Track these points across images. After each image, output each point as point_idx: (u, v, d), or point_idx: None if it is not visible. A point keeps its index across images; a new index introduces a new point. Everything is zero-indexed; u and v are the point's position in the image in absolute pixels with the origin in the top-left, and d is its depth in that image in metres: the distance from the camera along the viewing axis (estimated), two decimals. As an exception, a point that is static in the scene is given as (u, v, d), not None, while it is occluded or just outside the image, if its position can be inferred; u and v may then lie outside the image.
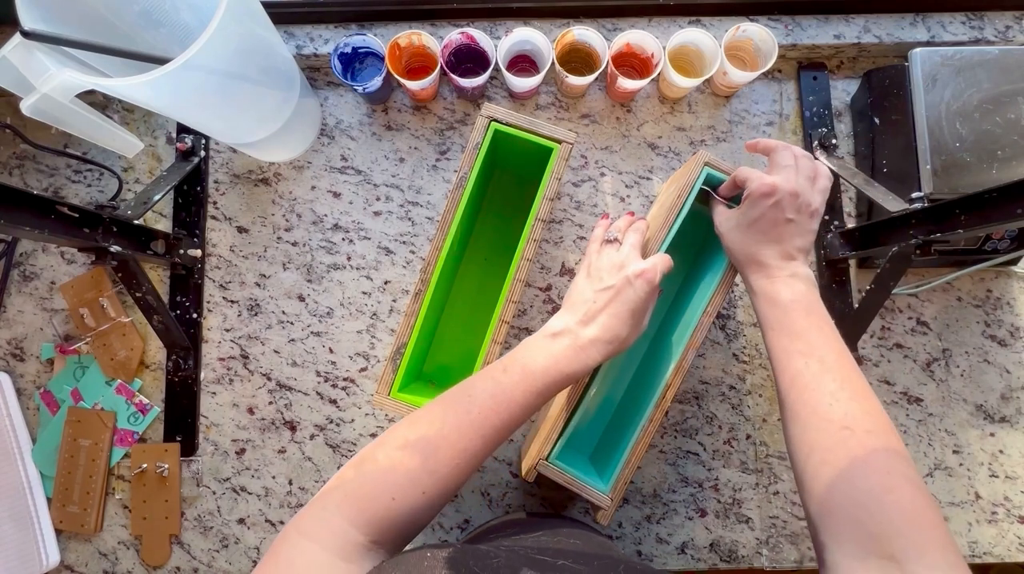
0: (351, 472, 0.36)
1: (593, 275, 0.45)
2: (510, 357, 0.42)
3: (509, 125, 0.52)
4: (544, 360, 0.41)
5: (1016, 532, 0.62)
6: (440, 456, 0.36)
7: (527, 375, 0.40)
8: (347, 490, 0.35)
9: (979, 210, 0.45)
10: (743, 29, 0.62)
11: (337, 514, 0.34)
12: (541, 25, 0.68)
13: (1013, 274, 0.66)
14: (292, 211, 0.67)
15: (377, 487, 0.35)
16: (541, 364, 0.40)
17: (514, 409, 0.39)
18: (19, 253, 0.67)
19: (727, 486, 0.63)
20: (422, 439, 0.37)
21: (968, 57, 0.58)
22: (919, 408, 0.64)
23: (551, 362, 0.40)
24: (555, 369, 0.40)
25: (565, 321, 0.43)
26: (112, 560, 0.63)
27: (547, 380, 0.40)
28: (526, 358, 0.41)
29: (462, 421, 0.38)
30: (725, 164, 0.53)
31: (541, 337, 0.43)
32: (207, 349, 0.65)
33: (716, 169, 0.52)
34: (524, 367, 0.41)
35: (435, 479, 0.36)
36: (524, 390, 0.39)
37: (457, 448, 0.37)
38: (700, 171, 0.52)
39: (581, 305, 0.43)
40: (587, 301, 0.43)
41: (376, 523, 0.34)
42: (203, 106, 0.50)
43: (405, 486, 0.35)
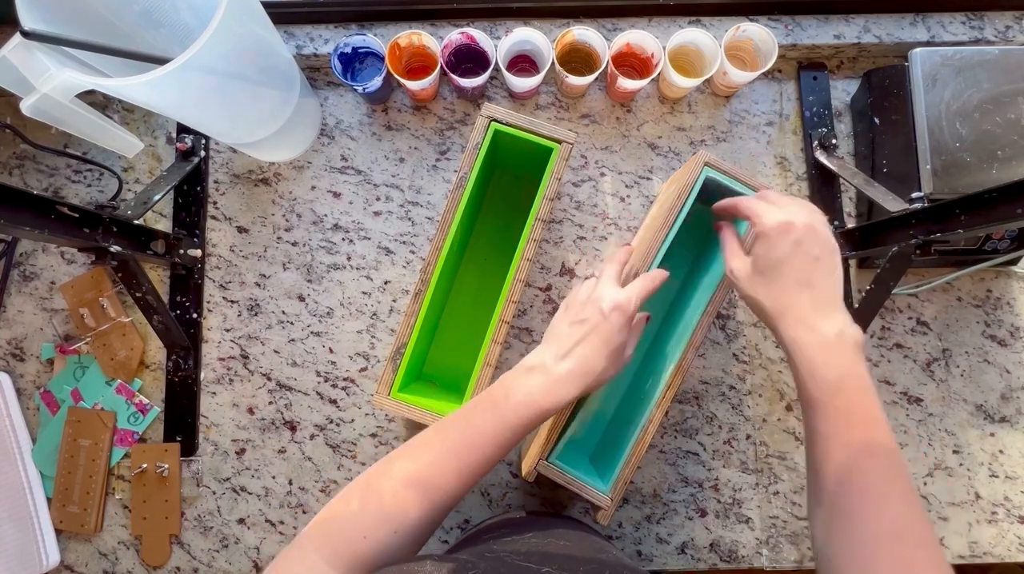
0: (327, 511, 0.37)
1: (570, 309, 0.44)
2: (486, 393, 0.42)
3: (509, 125, 0.52)
4: (517, 395, 0.40)
5: (1016, 532, 0.62)
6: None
7: (499, 411, 0.40)
8: (322, 529, 0.36)
9: (979, 210, 0.45)
10: (743, 29, 0.62)
11: (313, 552, 0.35)
12: (541, 25, 0.68)
13: (1013, 274, 0.66)
14: (292, 211, 0.67)
15: (348, 525, 0.36)
16: (514, 400, 0.40)
17: (488, 446, 0.39)
18: (19, 253, 0.67)
19: (727, 486, 0.63)
20: (382, 495, 0.37)
21: (968, 57, 0.58)
22: (919, 408, 0.64)
23: (524, 397, 0.40)
24: (528, 403, 0.40)
25: (541, 356, 0.42)
26: (112, 560, 0.63)
27: (520, 415, 0.40)
28: (500, 394, 0.41)
29: (436, 459, 0.38)
30: (725, 164, 0.53)
31: (517, 372, 0.42)
32: (207, 349, 0.65)
33: (716, 169, 0.52)
34: (496, 403, 0.40)
35: (409, 518, 0.36)
36: (496, 426, 0.39)
37: (420, 505, 0.37)
38: (700, 171, 0.52)
39: (556, 339, 0.43)
40: (562, 335, 0.43)
41: (349, 560, 0.35)
42: (203, 106, 0.50)
43: (378, 525, 0.36)
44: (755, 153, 0.68)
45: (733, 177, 0.53)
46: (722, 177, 0.53)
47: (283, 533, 0.63)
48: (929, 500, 0.63)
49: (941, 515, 0.63)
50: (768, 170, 0.68)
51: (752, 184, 0.53)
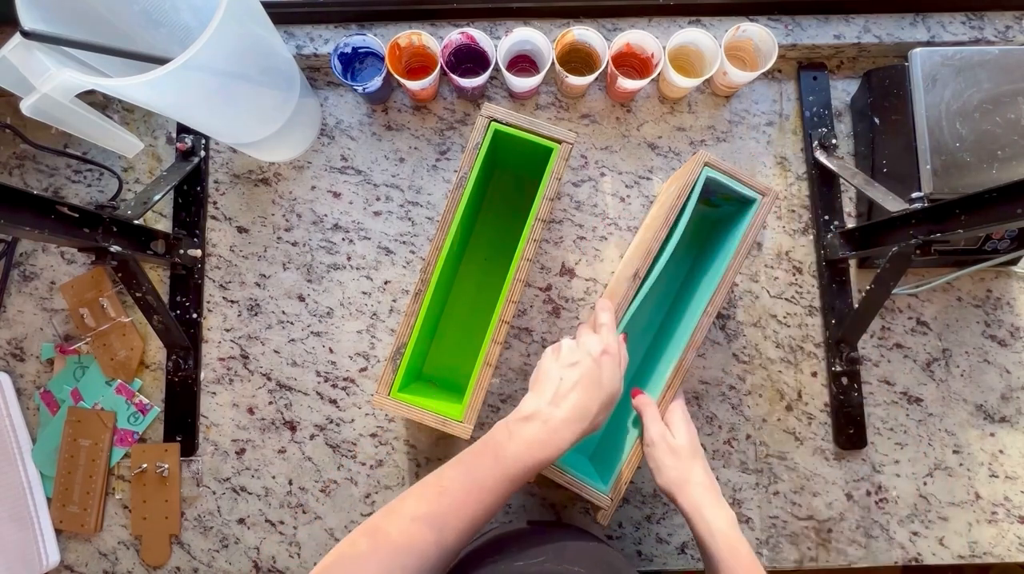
0: (332, 556, 0.37)
1: (562, 356, 0.44)
2: (483, 443, 0.41)
3: (509, 125, 0.52)
4: (516, 446, 0.40)
5: (1016, 532, 0.63)
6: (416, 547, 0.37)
7: (500, 463, 0.39)
8: (331, 572, 0.36)
9: (979, 210, 0.45)
10: (743, 29, 0.62)
11: None
12: (541, 25, 0.68)
13: (1013, 274, 0.66)
14: (292, 211, 0.67)
15: (358, 565, 0.36)
16: (512, 451, 0.40)
17: (486, 498, 0.38)
18: (19, 253, 0.67)
19: (727, 486, 0.63)
20: (389, 533, 0.37)
21: (968, 57, 0.58)
22: (919, 408, 0.64)
23: (523, 448, 0.40)
24: (527, 455, 0.40)
25: (536, 403, 0.42)
26: (112, 560, 0.63)
27: (520, 466, 0.39)
28: (498, 445, 0.40)
29: (434, 511, 0.38)
30: (725, 164, 0.53)
31: (513, 421, 0.42)
32: (207, 349, 0.65)
33: (716, 169, 0.52)
34: (496, 454, 0.40)
35: (419, 550, 0.36)
36: (496, 478, 0.39)
37: (429, 540, 0.36)
38: (700, 171, 0.52)
39: (549, 385, 0.43)
40: (555, 380, 0.43)
41: None
42: (203, 106, 0.50)
43: (390, 558, 0.35)
44: (755, 153, 0.68)
45: (733, 177, 0.53)
46: (722, 177, 0.53)
47: (283, 533, 0.63)
48: (929, 500, 0.63)
49: (941, 515, 0.63)
50: (768, 170, 0.68)
51: (751, 184, 0.53)
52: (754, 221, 0.53)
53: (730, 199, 0.56)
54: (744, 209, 0.54)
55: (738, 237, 0.53)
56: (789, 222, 0.67)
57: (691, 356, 0.52)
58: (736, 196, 0.54)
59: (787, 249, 0.66)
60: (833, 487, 0.63)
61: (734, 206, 0.57)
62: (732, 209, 0.58)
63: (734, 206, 0.57)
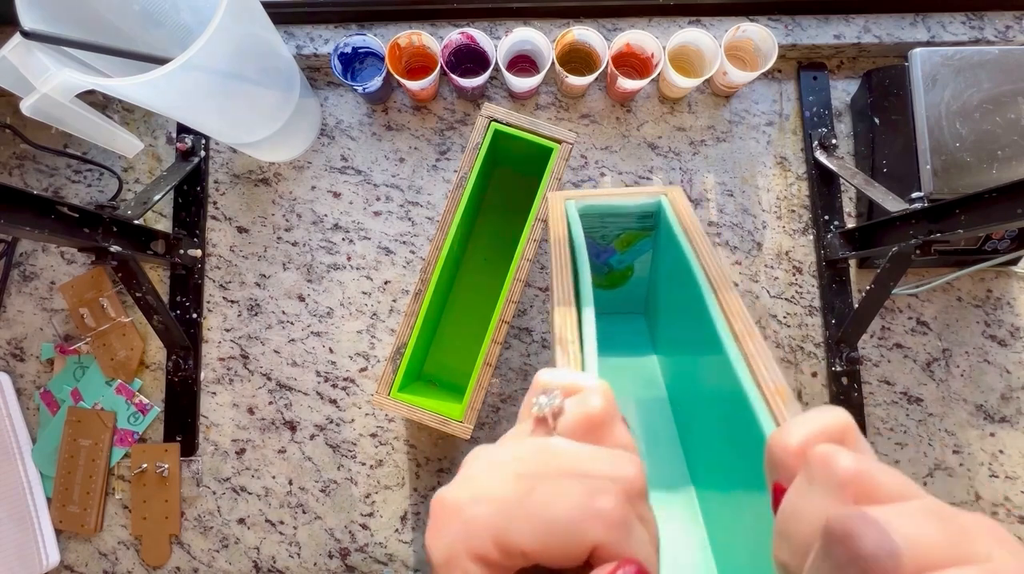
0: None
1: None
2: None
3: (509, 125, 0.52)
4: None
5: (1016, 532, 0.62)
6: None
7: None
8: None
9: (979, 210, 0.45)
10: (743, 29, 0.62)
11: None
12: (541, 25, 0.68)
13: (1013, 274, 0.66)
14: (292, 211, 0.67)
15: None
16: None
17: None
18: (19, 253, 0.67)
19: (727, 486, 0.63)
20: None
21: (968, 57, 0.58)
22: (919, 408, 0.64)
23: None
24: None
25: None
26: (112, 560, 0.63)
27: None
28: None
29: None
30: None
31: None
32: (207, 349, 0.65)
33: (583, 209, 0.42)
34: None
35: None
36: None
37: None
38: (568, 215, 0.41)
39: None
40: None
41: None
42: (203, 106, 0.50)
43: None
44: (755, 153, 0.68)
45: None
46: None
47: (283, 533, 0.63)
48: (929, 500, 0.63)
49: (941, 515, 0.63)
50: (768, 170, 0.68)
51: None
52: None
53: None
54: None
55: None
56: (789, 222, 0.67)
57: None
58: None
59: (787, 249, 0.66)
60: (833, 487, 0.63)
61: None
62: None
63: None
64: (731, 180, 0.67)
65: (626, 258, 0.48)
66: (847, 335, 0.61)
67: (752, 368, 0.29)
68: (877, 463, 0.20)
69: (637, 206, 0.41)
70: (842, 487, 0.19)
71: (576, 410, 0.22)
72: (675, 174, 0.68)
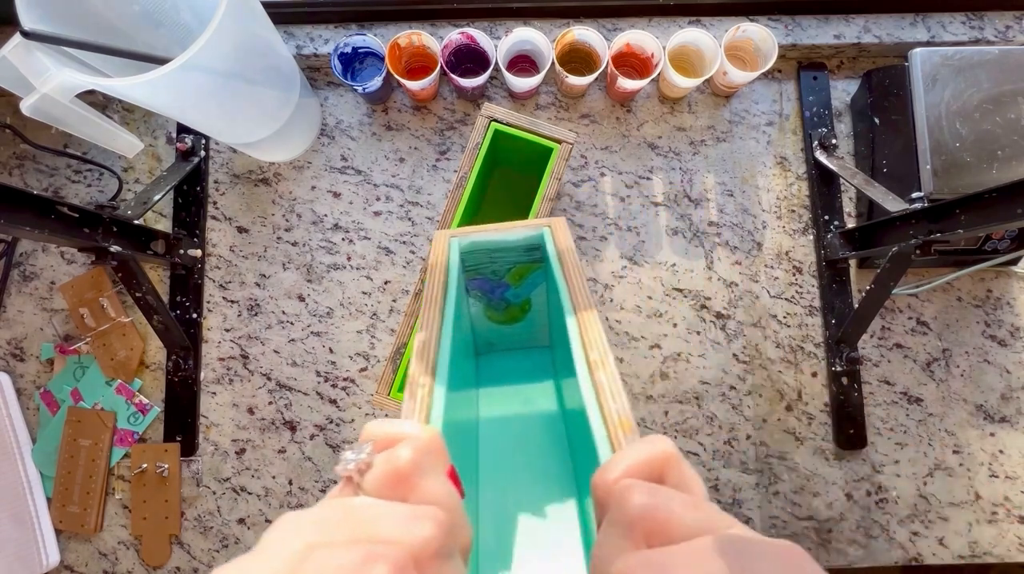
0: None
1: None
2: None
3: (509, 125, 0.52)
4: None
5: (1016, 532, 0.62)
6: None
7: None
8: None
9: (979, 210, 0.45)
10: (743, 29, 0.62)
11: None
12: (541, 25, 0.68)
13: (1013, 274, 0.66)
14: (292, 211, 0.67)
15: None
16: None
17: None
18: (19, 253, 0.67)
19: (727, 486, 0.63)
20: None
21: (968, 57, 0.58)
22: (919, 408, 0.64)
23: None
24: None
25: None
26: (112, 560, 0.63)
27: None
28: None
29: None
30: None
31: None
32: (207, 349, 0.65)
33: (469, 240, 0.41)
34: None
35: None
36: None
37: None
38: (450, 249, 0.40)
39: None
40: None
41: None
42: (203, 106, 0.50)
43: None
44: (755, 153, 0.68)
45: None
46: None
47: (283, 533, 0.63)
48: (929, 500, 0.63)
49: (941, 515, 0.63)
50: (768, 170, 0.68)
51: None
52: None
53: None
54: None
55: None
56: (789, 222, 0.67)
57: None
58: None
59: (787, 249, 0.66)
60: (833, 487, 0.63)
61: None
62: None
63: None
64: (731, 180, 0.67)
65: (522, 291, 0.47)
66: (847, 335, 0.61)
67: (600, 398, 0.28)
68: (679, 496, 0.19)
69: (521, 239, 0.41)
70: (632, 526, 0.18)
71: (383, 465, 0.21)
72: (675, 174, 0.68)
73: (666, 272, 0.66)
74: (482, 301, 0.47)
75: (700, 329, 0.65)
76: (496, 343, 0.51)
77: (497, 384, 0.48)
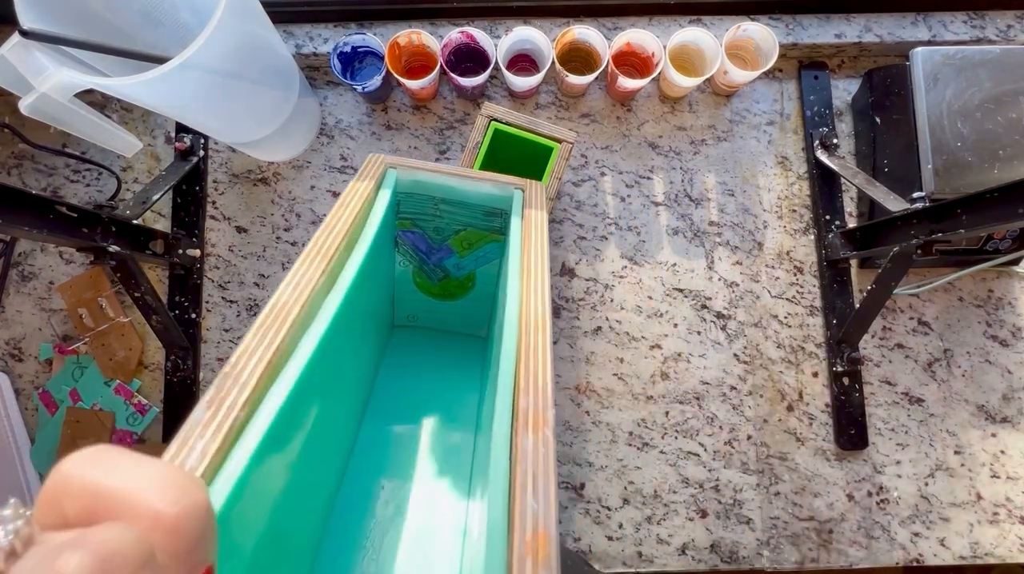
0: None
1: None
2: None
3: (509, 124, 0.52)
4: None
5: (1017, 533, 0.62)
6: None
7: None
8: None
9: (981, 210, 0.45)
10: (744, 28, 0.61)
11: None
12: (541, 24, 0.67)
13: (1015, 274, 0.66)
14: (291, 211, 0.67)
15: None
16: None
17: None
18: (17, 253, 0.67)
19: (728, 487, 0.63)
20: None
21: (970, 56, 0.57)
22: (920, 408, 0.64)
23: None
24: None
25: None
26: (111, 561, 0.63)
27: None
28: None
29: None
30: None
31: None
32: (206, 349, 0.65)
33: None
34: None
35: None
36: None
37: None
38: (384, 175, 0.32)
39: None
40: None
41: None
42: (202, 106, 0.50)
43: None
44: (756, 152, 0.68)
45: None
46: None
47: (282, 534, 0.63)
48: (930, 501, 0.63)
49: (942, 516, 0.63)
50: (769, 170, 0.67)
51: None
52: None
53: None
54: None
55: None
56: (790, 222, 0.67)
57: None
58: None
59: (788, 249, 0.66)
60: (834, 488, 0.63)
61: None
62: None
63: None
64: (732, 180, 0.67)
65: (466, 264, 0.38)
66: (848, 335, 0.61)
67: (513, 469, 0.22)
68: None
69: (483, 196, 0.33)
70: None
71: (35, 564, 0.12)
72: (676, 173, 0.67)
73: (666, 272, 0.66)
74: (412, 262, 0.38)
75: (701, 329, 0.65)
76: (421, 317, 0.41)
77: (407, 370, 0.37)
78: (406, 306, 0.41)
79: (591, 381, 0.64)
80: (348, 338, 0.26)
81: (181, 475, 0.15)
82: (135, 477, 0.14)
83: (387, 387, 0.37)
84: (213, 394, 0.20)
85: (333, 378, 0.26)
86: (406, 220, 0.35)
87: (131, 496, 0.13)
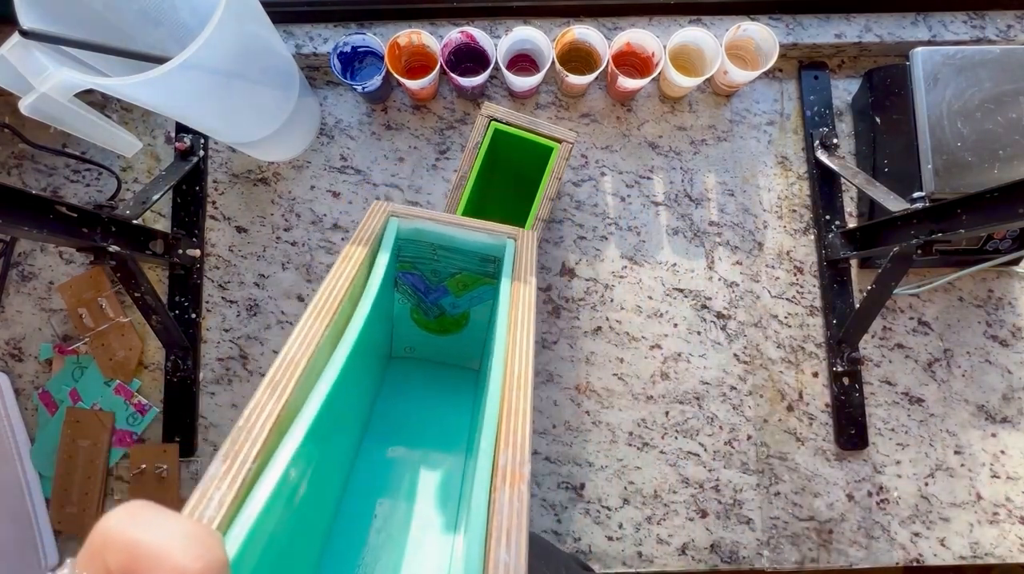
0: None
1: None
2: None
3: (509, 124, 0.52)
4: None
5: (1017, 533, 0.62)
6: None
7: None
8: None
9: (981, 210, 0.45)
10: (744, 28, 0.61)
11: None
12: (541, 24, 0.67)
13: (1015, 274, 0.66)
14: (291, 211, 0.67)
15: None
16: None
17: None
18: (17, 253, 0.67)
19: (728, 487, 0.63)
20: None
21: (969, 56, 0.57)
22: (920, 409, 0.64)
23: None
24: None
25: None
26: (111, 561, 0.63)
27: None
28: None
29: None
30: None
31: None
32: (206, 349, 0.65)
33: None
34: None
35: None
36: None
37: None
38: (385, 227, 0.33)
39: None
40: None
41: None
42: (202, 105, 0.50)
43: None
44: (756, 152, 0.68)
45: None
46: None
47: (282, 534, 0.63)
48: (930, 501, 0.63)
49: (942, 516, 0.63)
50: (769, 170, 0.67)
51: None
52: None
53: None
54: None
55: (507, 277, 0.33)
56: (790, 222, 0.67)
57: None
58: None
59: (788, 249, 0.66)
60: (834, 488, 0.63)
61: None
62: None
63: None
64: (732, 180, 0.67)
65: (461, 303, 0.40)
66: (848, 335, 0.61)
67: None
68: None
69: (478, 245, 0.34)
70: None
71: None
72: (676, 173, 0.67)
73: (666, 272, 0.66)
74: (411, 300, 0.40)
75: (701, 329, 0.65)
76: (417, 349, 0.43)
77: (403, 398, 0.40)
78: (404, 339, 0.43)
79: (591, 381, 0.64)
80: (352, 383, 0.28)
81: (204, 532, 0.17)
82: (167, 534, 0.16)
83: (384, 414, 0.39)
84: (228, 447, 0.22)
85: (338, 421, 0.28)
86: (406, 263, 0.37)
87: (162, 553, 0.15)
